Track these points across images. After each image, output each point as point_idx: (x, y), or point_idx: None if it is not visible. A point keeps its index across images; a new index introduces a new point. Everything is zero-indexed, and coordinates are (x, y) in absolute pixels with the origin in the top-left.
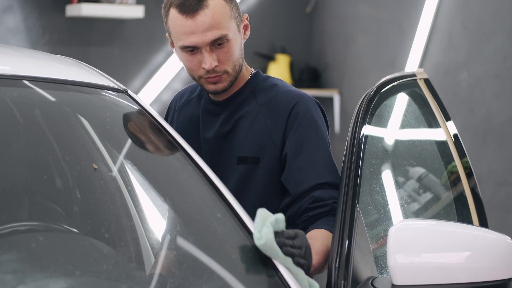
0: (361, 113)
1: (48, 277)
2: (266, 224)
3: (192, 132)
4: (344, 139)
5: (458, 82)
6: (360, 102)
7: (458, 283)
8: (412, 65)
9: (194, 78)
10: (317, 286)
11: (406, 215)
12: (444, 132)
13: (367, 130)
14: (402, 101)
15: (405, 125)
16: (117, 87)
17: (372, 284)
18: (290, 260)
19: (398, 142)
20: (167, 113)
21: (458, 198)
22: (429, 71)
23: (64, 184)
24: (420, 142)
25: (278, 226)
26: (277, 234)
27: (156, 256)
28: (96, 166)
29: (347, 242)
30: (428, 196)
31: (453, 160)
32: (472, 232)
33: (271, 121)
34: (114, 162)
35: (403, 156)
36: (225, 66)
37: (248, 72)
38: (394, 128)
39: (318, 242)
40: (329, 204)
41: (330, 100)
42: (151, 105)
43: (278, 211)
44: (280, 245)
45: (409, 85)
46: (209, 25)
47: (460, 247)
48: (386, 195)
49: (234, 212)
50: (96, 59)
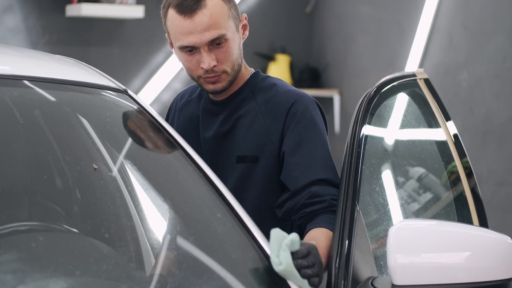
0: (361, 113)
1: (48, 277)
2: (283, 247)
3: (192, 132)
4: (344, 139)
5: (458, 82)
6: (360, 102)
7: (458, 283)
8: (412, 65)
9: (193, 78)
10: None
11: (406, 215)
12: (444, 132)
13: (367, 130)
14: (402, 101)
15: (405, 125)
16: (117, 87)
17: (372, 284)
18: (306, 282)
19: (398, 142)
20: (168, 113)
21: (458, 198)
22: (429, 71)
23: (64, 184)
24: (420, 142)
25: (293, 247)
26: (293, 256)
27: (156, 256)
28: (96, 166)
29: (347, 242)
30: (428, 196)
31: (453, 160)
32: (472, 232)
33: (270, 120)
34: (114, 162)
35: (403, 156)
36: (223, 66)
37: (247, 72)
38: (394, 128)
39: (323, 243)
40: (326, 200)
41: (330, 100)
42: (151, 105)
43: (276, 207)
44: (297, 268)
45: (409, 85)
46: (207, 25)
47: (460, 247)
48: (386, 195)
49: (234, 212)
50: (96, 59)
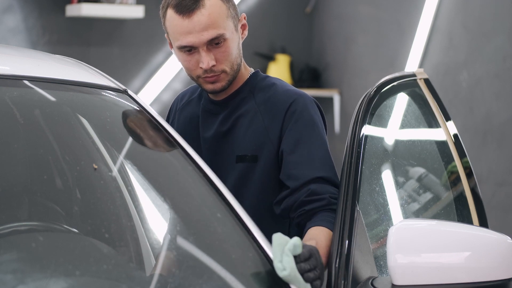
0: (361, 113)
1: (48, 277)
2: (285, 252)
3: (192, 132)
4: (344, 139)
5: (458, 82)
6: (360, 102)
7: (458, 283)
8: (412, 65)
9: (192, 78)
10: None
11: (406, 215)
12: (444, 132)
13: (367, 130)
14: (402, 101)
15: (405, 125)
16: (117, 87)
17: (372, 284)
18: (309, 286)
19: (398, 142)
20: (169, 114)
21: (458, 198)
22: (429, 71)
23: (64, 184)
24: (420, 142)
25: (295, 251)
26: (296, 260)
27: (156, 256)
28: (96, 166)
29: (347, 242)
30: (428, 196)
31: (453, 160)
32: (472, 232)
33: (269, 119)
34: (114, 162)
35: (403, 156)
36: (222, 66)
37: (247, 71)
38: (394, 128)
39: (323, 243)
40: (325, 198)
41: (330, 100)
42: (151, 105)
43: (274, 204)
44: (300, 272)
45: (409, 85)
46: (205, 24)
47: (460, 247)
48: (386, 195)
49: (234, 212)
50: (96, 59)
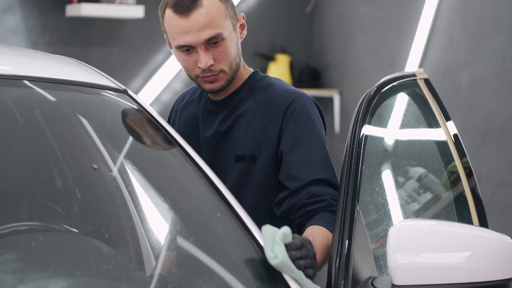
0: (361, 113)
1: (48, 277)
2: (276, 241)
3: (192, 132)
4: (344, 139)
5: (458, 82)
6: (360, 102)
7: (458, 283)
8: (412, 65)
9: (191, 77)
10: None
11: (406, 215)
12: (444, 132)
13: (367, 130)
14: (402, 101)
15: (405, 125)
16: (117, 87)
17: (372, 284)
18: (301, 273)
19: (398, 142)
20: (170, 114)
21: (458, 198)
22: (429, 71)
23: (64, 184)
24: (420, 142)
25: (286, 240)
26: (287, 248)
27: (156, 256)
28: (96, 166)
29: (347, 242)
30: (428, 196)
31: (453, 160)
32: (472, 232)
33: (268, 119)
34: (114, 162)
35: (403, 156)
36: (221, 65)
37: (246, 71)
38: (394, 128)
39: (319, 240)
40: (326, 199)
41: (330, 100)
42: (151, 105)
43: (274, 205)
44: (292, 259)
45: (409, 85)
46: (203, 24)
47: (460, 247)
48: (386, 195)
49: (233, 211)
50: (96, 59)
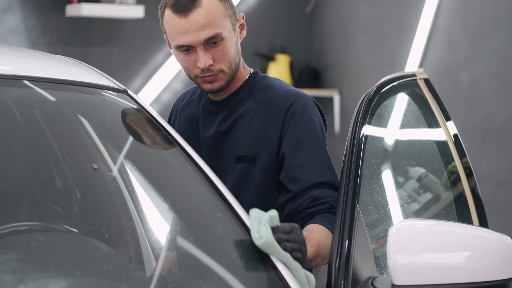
0: (361, 113)
1: (48, 277)
2: (263, 222)
3: (192, 132)
4: (344, 139)
5: (458, 82)
6: (360, 102)
7: (458, 283)
8: (412, 65)
9: (190, 77)
10: (312, 279)
11: (406, 215)
12: (444, 132)
13: (367, 130)
14: (402, 101)
15: (405, 125)
16: (117, 87)
17: (372, 284)
18: (289, 255)
19: (398, 142)
20: (170, 115)
21: (458, 198)
22: (429, 71)
23: (64, 184)
24: (420, 142)
25: (273, 223)
26: (273, 230)
27: (156, 256)
28: (96, 166)
29: (347, 242)
30: (428, 196)
31: (453, 160)
32: (472, 232)
33: (268, 119)
34: (114, 162)
35: (403, 156)
36: (220, 65)
37: (246, 71)
38: (394, 128)
39: (315, 235)
40: (328, 201)
41: (330, 100)
42: (151, 105)
43: (275, 208)
44: (278, 241)
45: (409, 85)
46: (202, 24)
47: (460, 247)
48: (386, 195)
49: (234, 212)
50: (96, 59)
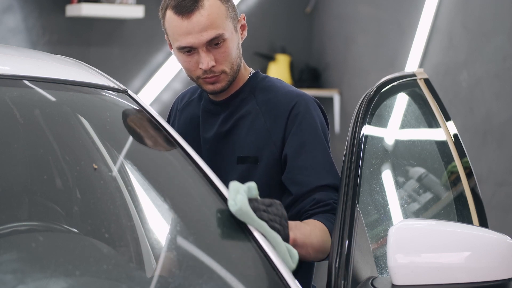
0: (361, 113)
1: (48, 277)
2: (240, 192)
3: (192, 132)
4: (344, 139)
5: (458, 82)
6: (360, 102)
7: (458, 283)
8: (412, 65)
9: (192, 78)
10: (295, 253)
11: (406, 215)
12: (444, 132)
13: (367, 130)
14: (402, 101)
15: (405, 125)
16: (117, 87)
17: (372, 284)
18: (265, 224)
19: (398, 142)
20: (169, 115)
21: (458, 198)
22: (429, 71)
23: (64, 184)
24: (420, 142)
25: (251, 193)
26: (251, 201)
27: (156, 256)
28: (96, 166)
29: (347, 242)
30: (428, 196)
31: (453, 160)
32: (472, 232)
33: (271, 121)
34: (114, 162)
35: (403, 156)
36: (222, 66)
37: (247, 72)
38: (394, 128)
39: (308, 226)
40: (329, 204)
41: (330, 100)
42: (151, 105)
43: None
44: (254, 210)
45: (409, 85)
46: (204, 25)
47: (460, 247)
48: (386, 195)
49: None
50: (96, 59)
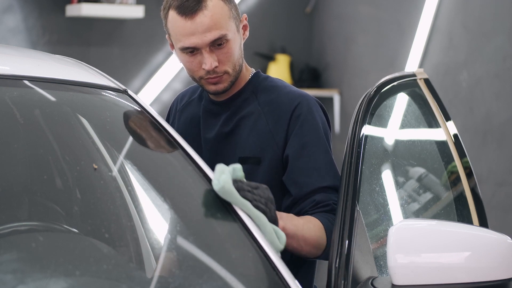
0: (361, 113)
1: (48, 277)
2: (225, 172)
3: (193, 132)
4: (344, 139)
5: (458, 82)
6: (360, 102)
7: (458, 283)
8: (412, 65)
9: (194, 79)
10: (282, 234)
11: (406, 215)
12: (444, 132)
13: (367, 130)
14: (402, 101)
15: (405, 125)
16: (117, 87)
17: (372, 284)
18: (249, 204)
19: (398, 142)
20: (168, 115)
21: (458, 198)
22: (429, 71)
23: (64, 184)
24: (420, 142)
25: (236, 174)
26: (235, 181)
27: (156, 256)
28: (96, 166)
29: (347, 242)
30: (428, 196)
31: (453, 160)
32: (472, 232)
33: (273, 121)
34: (114, 162)
35: (403, 156)
36: (225, 67)
37: (248, 72)
38: (394, 128)
39: (302, 219)
40: (329, 204)
41: (330, 100)
42: (151, 105)
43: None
44: (237, 189)
45: (409, 85)
46: (208, 25)
47: (460, 247)
48: (386, 195)
49: (234, 212)
50: (96, 59)
